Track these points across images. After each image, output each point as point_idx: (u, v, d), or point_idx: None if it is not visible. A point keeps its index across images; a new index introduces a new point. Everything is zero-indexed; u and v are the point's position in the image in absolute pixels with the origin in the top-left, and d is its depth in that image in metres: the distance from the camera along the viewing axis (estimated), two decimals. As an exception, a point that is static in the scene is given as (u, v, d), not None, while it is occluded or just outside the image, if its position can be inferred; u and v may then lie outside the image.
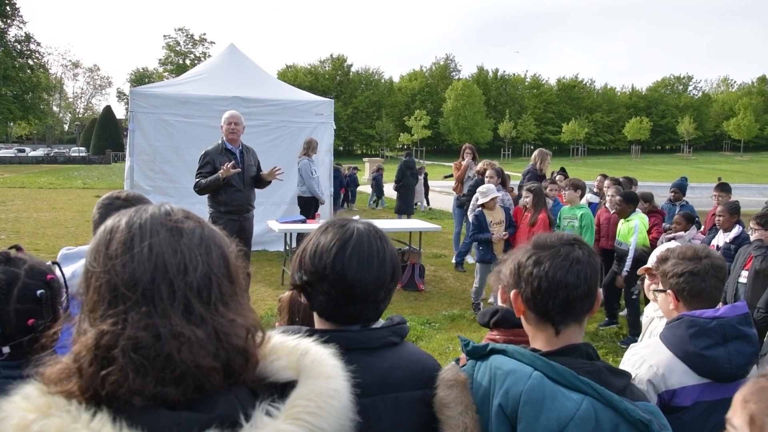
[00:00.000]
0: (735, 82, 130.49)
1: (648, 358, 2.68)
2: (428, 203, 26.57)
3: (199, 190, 8.17)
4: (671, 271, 2.81)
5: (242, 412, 1.20)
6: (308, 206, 12.02)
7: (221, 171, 7.87)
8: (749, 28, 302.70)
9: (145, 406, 1.13)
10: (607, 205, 9.33)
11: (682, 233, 8.73)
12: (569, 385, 1.75)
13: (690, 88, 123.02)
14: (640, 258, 7.62)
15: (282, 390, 1.31)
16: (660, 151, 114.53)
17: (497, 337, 2.42)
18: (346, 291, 1.79)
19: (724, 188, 9.56)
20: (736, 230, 7.58)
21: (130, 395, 1.12)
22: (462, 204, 12.48)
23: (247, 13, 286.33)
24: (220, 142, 8.30)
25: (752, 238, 6.91)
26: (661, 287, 2.92)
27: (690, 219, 9.04)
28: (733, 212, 7.76)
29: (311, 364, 1.33)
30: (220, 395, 1.20)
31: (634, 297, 8.42)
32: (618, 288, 8.67)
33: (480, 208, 9.26)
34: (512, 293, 2.00)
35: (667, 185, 12.41)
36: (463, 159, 12.87)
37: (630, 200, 8.54)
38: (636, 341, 8.36)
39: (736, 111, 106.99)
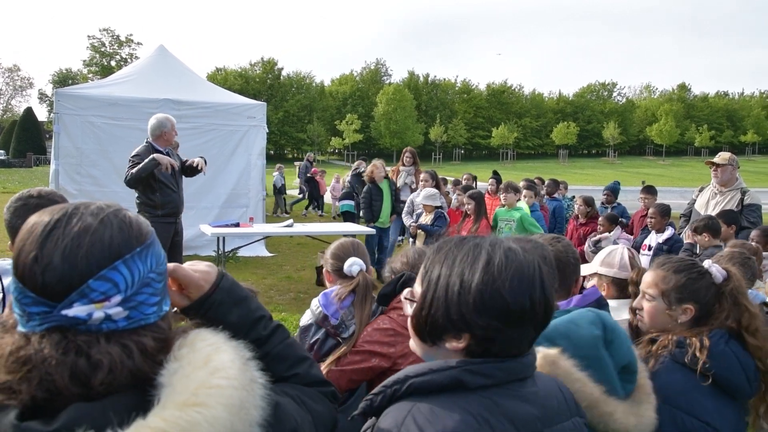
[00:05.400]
0: (657, 89, 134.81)
1: None
2: None
3: (131, 179, 7.62)
4: None
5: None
6: None
7: (158, 155, 7.52)
8: (668, 38, 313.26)
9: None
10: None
11: (606, 234, 9.00)
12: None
13: (614, 94, 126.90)
14: None
15: None
16: (587, 155, 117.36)
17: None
18: (536, 324, 1.56)
19: (650, 191, 9.86)
20: (669, 231, 7.81)
21: None
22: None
23: (174, 15, 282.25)
24: (146, 144, 7.92)
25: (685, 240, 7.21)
26: None
27: (613, 220, 9.31)
28: (664, 214, 7.99)
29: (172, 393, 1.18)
30: (72, 408, 1.14)
31: None
32: None
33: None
34: None
35: (594, 188, 12.78)
36: (403, 164, 12.58)
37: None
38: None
39: (658, 117, 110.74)
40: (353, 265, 3.29)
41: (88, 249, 1.19)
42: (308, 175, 23.55)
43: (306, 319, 3.35)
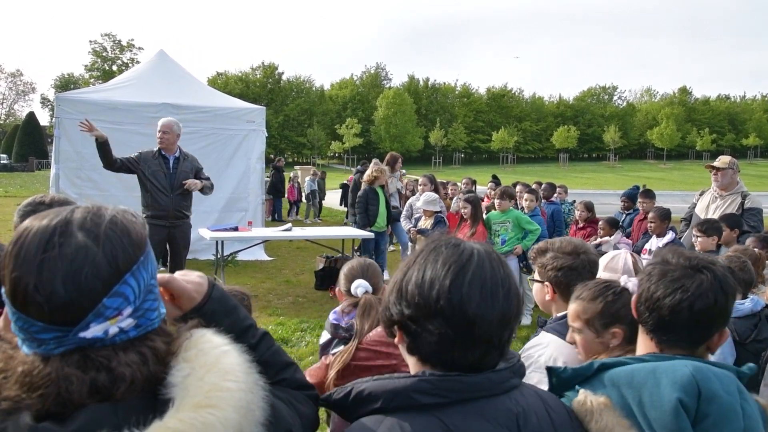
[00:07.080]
0: (657, 92, 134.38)
1: (552, 353, 2.70)
2: None
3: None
4: (550, 264, 2.91)
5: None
6: None
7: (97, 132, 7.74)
8: (669, 41, 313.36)
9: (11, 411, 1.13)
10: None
11: (607, 238, 8.99)
12: None
13: (615, 97, 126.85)
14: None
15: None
16: (587, 159, 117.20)
17: None
18: (465, 329, 1.43)
19: (648, 194, 9.85)
20: (670, 236, 7.74)
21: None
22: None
23: (176, 19, 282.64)
24: (156, 147, 8.11)
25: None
26: (538, 278, 3.04)
27: (614, 224, 9.32)
28: (664, 218, 7.92)
29: (184, 394, 1.22)
30: (87, 410, 1.17)
31: None
32: None
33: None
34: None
35: (595, 192, 12.72)
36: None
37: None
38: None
39: (659, 120, 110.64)
40: (358, 287, 3.45)
41: (90, 271, 1.17)
42: (344, 182, 23.58)
43: (324, 336, 3.58)
